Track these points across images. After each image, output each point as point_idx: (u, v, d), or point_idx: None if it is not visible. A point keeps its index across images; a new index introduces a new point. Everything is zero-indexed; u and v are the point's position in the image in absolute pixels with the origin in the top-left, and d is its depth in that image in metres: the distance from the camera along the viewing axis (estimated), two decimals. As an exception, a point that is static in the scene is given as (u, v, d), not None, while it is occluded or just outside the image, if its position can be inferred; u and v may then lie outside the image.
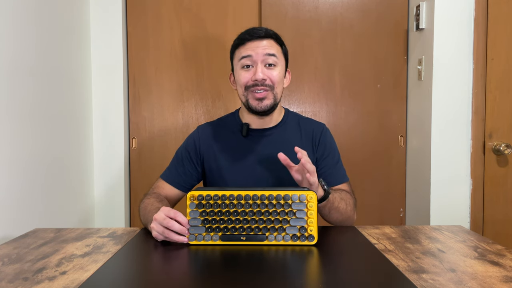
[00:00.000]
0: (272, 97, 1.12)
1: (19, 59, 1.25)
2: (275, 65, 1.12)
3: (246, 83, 1.12)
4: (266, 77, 1.10)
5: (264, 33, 1.12)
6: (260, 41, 1.11)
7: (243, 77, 1.12)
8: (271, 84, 1.11)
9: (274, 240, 0.90)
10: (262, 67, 1.10)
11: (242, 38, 1.13)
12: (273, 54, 1.11)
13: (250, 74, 1.11)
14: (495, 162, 1.65)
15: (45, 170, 1.39)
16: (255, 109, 1.13)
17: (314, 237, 0.90)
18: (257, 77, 1.09)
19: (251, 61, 1.11)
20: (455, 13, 1.65)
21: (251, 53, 1.10)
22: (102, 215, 1.82)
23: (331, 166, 1.20)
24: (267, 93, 1.11)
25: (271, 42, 1.13)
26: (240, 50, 1.13)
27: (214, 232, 0.91)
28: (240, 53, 1.12)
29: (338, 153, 1.24)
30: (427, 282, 0.68)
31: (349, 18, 1.86)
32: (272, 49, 1.12)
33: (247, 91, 1.12)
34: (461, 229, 1.03)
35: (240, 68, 1.13)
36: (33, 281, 0.70)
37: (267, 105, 1.12)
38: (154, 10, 1.86)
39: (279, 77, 1.12)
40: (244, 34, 1.13)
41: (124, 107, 1.83)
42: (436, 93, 1.66)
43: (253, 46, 1.11)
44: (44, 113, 1.39)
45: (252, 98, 1.12)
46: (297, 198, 0.92)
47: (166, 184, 1.20)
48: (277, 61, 1.12)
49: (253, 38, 1.11)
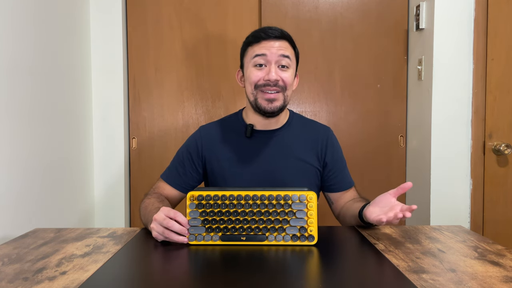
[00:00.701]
0: (282, 99, 1.11)
1: (19, 59, 1.25)
2: (288, 67, 1.10)
3: (257, 81, 1.09)
4: (279, 78, 1.08)
5: (280, 33, 1.10)
6: (275, 41, 1.09)
7: (254, 75, 1.10)
8: (283, 86, 1.10)
9: (274, 240, 0.90)
10: (276, 68, 1.09)
11: (257, 36, 1.11)
12: (287, 56, 1.09)
13: (262, 73, 1.09)
14: (495, 162, 1.65)
15: (45, 170, 1.39)
16: (264, 109, 1.10)
17: (314, 237, 0.90)
18: (270, 77, 1.07)
19: (265, 60, 1.09)
20: (455, 13, 1.65)
21: (266, 52, 1.08)
22: (102, 215, 1.82)
23: (340, 172, 1.20)
24: (278, 94, 1.10)
25: (286, 43, 1.11)
26: (254, 48, 1.10)
27: (214, 232, 0.91)
28: (254, 51, 1.10)
29: (344, 157, 1.24)
30: (427, 282, 0.68)
31: (349, 18, 1.86)
32: (287, 50, 1.10)
33: (257, 90, 1.10)
34: (461, 229, 1.03)
35: (252, 66, 1.11)
36: (33, 281, 0.70)
37: (277, 107, 1.10)
38: (154, 10, 1.86)
39: (291, 79, 1.11)
40: (259, 32, 1.11)
41: (124, 107, 1.83)
42: (436, 93, 1.66)
43: (268, 46, 1.09)
44: (44, 113, 1.39)
45: (262, 98, 1.10)
46: (297, 198, 0.92)
47: (166, 185, 1.20)
48: (290, 63, 1.11)
49: (268, 38, 1.09)
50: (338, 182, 1.20)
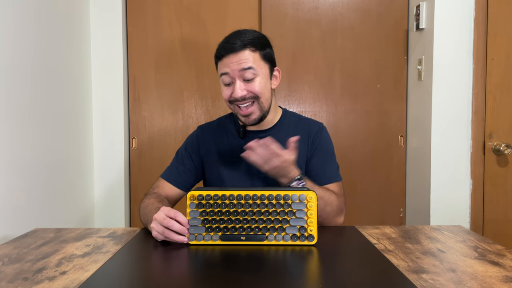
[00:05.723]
0: (258, 109, 1.10)
1: (19, 59, 1.25)
2: (254, 77, 1.08)
3: (227, 99, 1.11)
4: (246, 92, 1.08)
5: (239, 45, 1.06)
6: (234, 55, 1.06)
7: (224, 93, 1.11)
8: (254, 95, 1.08)
9: (274, 240, 0.90)
10: (240, 83, 1.07)
11: (219, 51, 1.10)
12: (249, 68, 1.06)
13: (230, 91, 1.09)
14: (495, 162, 1.65)
15: (45, 170, 1.39)
16: (244, 123, 1.13)
17: (314, 237, 0.89)
18: (236, 95, 1.07)
19: (230, 77, 1.08)
20: (455, 13, 1.65)
21: (227, 70, 1.07)
22: (102, 215, 1.82)
23: (320, 164, 1.18)
24: (252, 107, 1.09)
25: (246, 53, 1.06)
26: (219, 65, 1.11)
27: (214, 232, 0.91)
28: (220, 69, 1.11)
29: (332, 152, 1.22)
30: (427, 282, 0.68)
31: (349, 18, 1.86)
32: (248, 62, 1.06)
33: (233, 105, 1.11)
34: (461, 229, 1.03)
35: (221, 83, 1.12)
36: (33, 281, 0.70)
37: (255, 119, 1.11)
38: (154, 10, 1.86)
39: (260, 87, 1.09)
40: (221, 45, 1.10)
41: (124, 107, 1.83)
42: (436, 93, 1.66)
43: (228, 62, 1.07)
44: (44, 113, 1.39)
45: (239, 114, 1.12)
46: (297, 198, 0.91)
47: (167, 184, 1.20)
48: (256, 72, 1.08)
49: (227, 53, 1.07)
50: (316, 175, 1.15)
